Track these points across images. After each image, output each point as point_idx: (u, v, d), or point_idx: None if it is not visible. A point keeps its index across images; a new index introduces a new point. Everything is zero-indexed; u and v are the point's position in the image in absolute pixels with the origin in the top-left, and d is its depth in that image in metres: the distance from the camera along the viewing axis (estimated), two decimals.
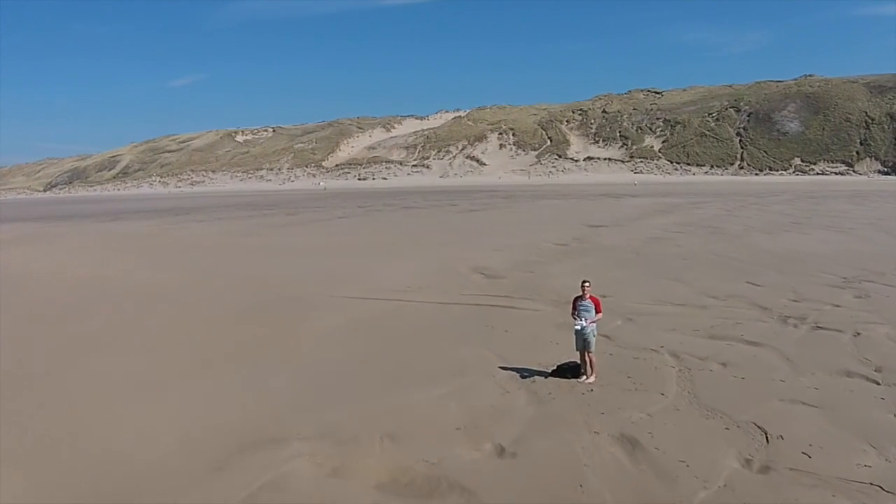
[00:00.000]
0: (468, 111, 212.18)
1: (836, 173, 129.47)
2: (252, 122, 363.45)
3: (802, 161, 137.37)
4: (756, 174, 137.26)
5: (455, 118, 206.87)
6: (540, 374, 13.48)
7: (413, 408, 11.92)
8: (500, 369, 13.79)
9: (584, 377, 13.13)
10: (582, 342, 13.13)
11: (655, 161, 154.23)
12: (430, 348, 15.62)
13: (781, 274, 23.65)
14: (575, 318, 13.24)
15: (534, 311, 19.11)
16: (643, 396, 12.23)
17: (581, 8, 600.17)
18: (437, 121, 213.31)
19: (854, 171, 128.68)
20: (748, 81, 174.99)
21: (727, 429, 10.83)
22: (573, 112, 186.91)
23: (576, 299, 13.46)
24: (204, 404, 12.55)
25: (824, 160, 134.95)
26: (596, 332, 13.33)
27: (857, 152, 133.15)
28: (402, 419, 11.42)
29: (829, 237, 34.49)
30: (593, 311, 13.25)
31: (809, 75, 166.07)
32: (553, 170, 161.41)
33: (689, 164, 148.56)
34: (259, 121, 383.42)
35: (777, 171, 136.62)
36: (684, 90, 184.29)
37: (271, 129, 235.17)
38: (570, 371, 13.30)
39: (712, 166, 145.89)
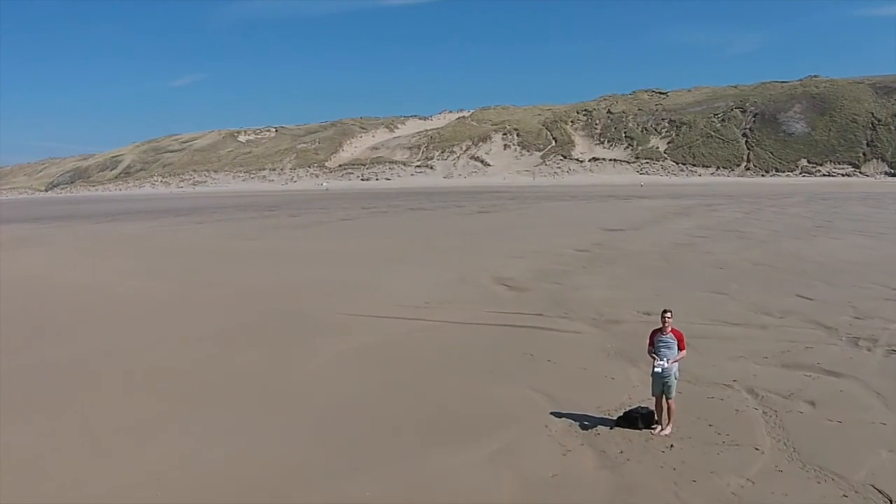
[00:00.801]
0: (472, 111, 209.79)
1: (842, 174, 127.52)
2: (255, 122, 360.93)
3: (809, 162, 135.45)
4: (762, 175, 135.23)
5: (459, 118, 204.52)
6: (603, 422, 10.89)
7: (453, 476, 9.30)
8: (554, 416, 11.19)
9: (659, 428, 10.60)
10: (661, 386, 10.58)
11: (661, 162, 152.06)
12: (462, 386, 12.99)
13: (830, 286, 21.74)
14: (653, 357, 10.68)
15: (574, 335, 16.55)
16: (735, 453, 9.72)
17: (582, 9, 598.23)
18: (440, 121, 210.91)
19: (861, 173, 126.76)
20: (753, 82, 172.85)
21: (845, 496, 8.57)
22: (578, 112, 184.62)
23: (654, 333, 10.86)
24: (176, 467, 9.88)
25: (831, 161, 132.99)
26: (678, 374, 10.80)
27: (864, 153, 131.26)
28: (440, 495, 8.84)
29: (862, 242, 32.79)
30: (676, 348, 10.64)
31: (815, 76, 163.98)
32: (558, 171, 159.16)
33: (695, 166, 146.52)
34: (262, 121, 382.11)
35: (783, 172, 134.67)
36: (689, 91, 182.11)
37: (274, 130, 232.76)
38: (641, 420, 10.72)
39: (718, 167, 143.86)
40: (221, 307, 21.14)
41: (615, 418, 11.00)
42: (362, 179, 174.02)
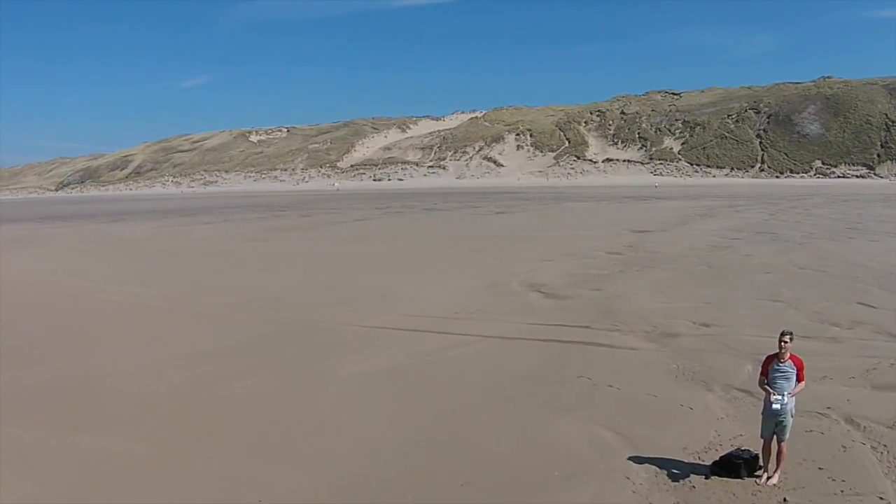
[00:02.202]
0: (484, 112, 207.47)
1: (856, 176, 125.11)
2: (266, 123, 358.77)
3: (823, 164, 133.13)
4: (777, 177, 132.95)
5: (471, 119, 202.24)
6: (695, 470, 8.68)
7: None
8: (633, 463, 8.95)
9: (766, 476, 8.44)
10: (773, 426, 8.51)
11: (675, 163, 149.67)
12: (515, 423, 10.66)
13: (888, 292, 19.97)
14: (767, 390, 8.59)
15: (631, 352, 14.34)
16: None
17: (593, 10, 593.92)
18: (453, 121, 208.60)
19: (875, 175, 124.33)
20: (766, 83, 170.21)
21: None
22: (591, 113, 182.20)
23: (768, 360, 8.73)
24: None
25: (845, 163, 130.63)
26: (794, 411, 8.63)
27: (878, 155, 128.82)
28: None
29: None
30: (794, 379, 8.56)
31: (828, 77, 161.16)
32: (572, 171, 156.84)
33: (709, 167, 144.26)
34: (273, 121, 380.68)
35: (798, 173, 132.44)
36: (702, 91, 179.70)
37: (285, 130, 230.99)
38: (744, 466, 8.56)
39: (732, 168, 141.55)
40: (221, 318, 18.92)
41: (709, 464, 8.81)
42: (374, 180, 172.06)
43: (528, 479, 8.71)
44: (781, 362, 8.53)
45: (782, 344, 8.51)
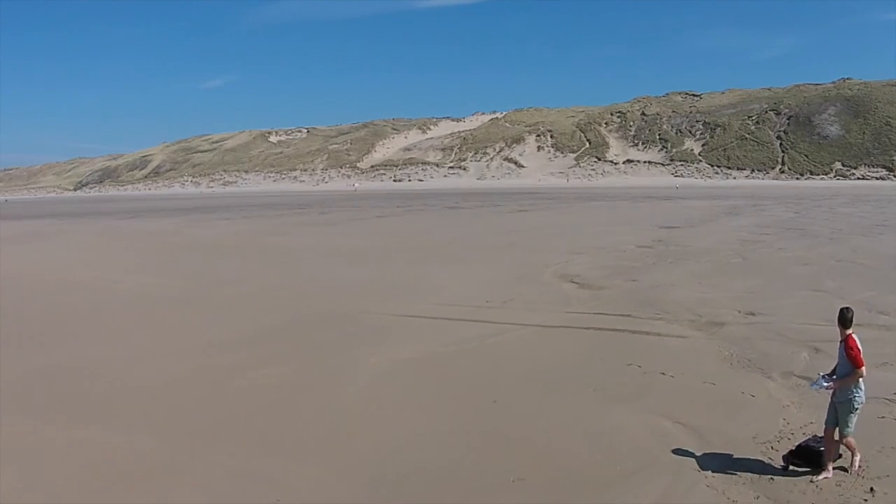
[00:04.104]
0: (505, 113, 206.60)
1: (876, 178, 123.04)
2: (286, 123, 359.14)
3: (843, 165, 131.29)
4: (797, 178, 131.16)
5: (492, 120, 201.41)
6: (770, 460, 7.86)
7: None
8: (703, 456, 8.01)
9: (823, 473, 7.56)
10: (834, 415, 7.67)
11: (696, 164, 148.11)
12: (566, 413, 9.76)
13: None
14: (820, 376, 7.87)
15: (679, 339, 13.42)
16: None
17: (613, 12, 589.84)
18: (472, 122, 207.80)
19: (895, 177, 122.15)
20: (786, 84, 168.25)
21: None
22: (612, 114, 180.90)
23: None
24: None
25: (865, 165, 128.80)
26: (859, 401, 7.68)
27: None
28: None
29: None
30: (841, 364, 7.71)
31: (847, 78, 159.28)
32: (592, 172, 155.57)
33: (729, 168, 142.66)
34: (293, 122, 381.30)
35: (818, 175, 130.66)
36: (722, 93, 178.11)
37: (305, 130, 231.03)
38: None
39: (753, 170, 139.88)
40: (239, 308, 18.08)
41: (785, 454, 7.93)
42: (394, 180, 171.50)
43: (589, 475, 7.80)
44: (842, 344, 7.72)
45: (846, 322, 7.76)
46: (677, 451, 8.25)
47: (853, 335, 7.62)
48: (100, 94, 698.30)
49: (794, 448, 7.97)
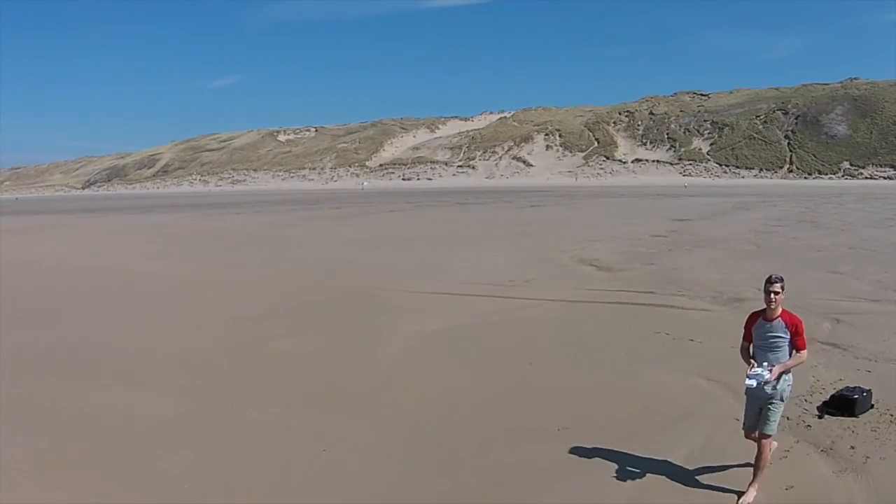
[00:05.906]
0: (513, 112, 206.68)
1: (884, 178, 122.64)
2: (294, 122, 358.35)
3: (851, 165, 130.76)
4: (805, 178, 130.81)
5: (500, 119, 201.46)
6: (805, 411, 8.10)
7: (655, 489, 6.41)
8: (739, 406, 8.04)
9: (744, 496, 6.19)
10: (756, 412, 6.39)
11: (704, 164, 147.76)
12: (598, 372, 9.93)
13: None
14: (750, 363, 6.29)
15: (703, 312, 13.56)
16: None
17: (621, 13, 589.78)
18: (481, 122, 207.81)
19: None
20: (793, 84, 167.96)
21: None
22: (620, 114, 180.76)
23: (752, 318, 6.48)
24: (205, 481, 7.03)
25: (872, 164, 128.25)
26: (788, 393, 6.34)
27: None
28: None
29: None
30: (787, 349, 6.17)
31: (854, 78, 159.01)
32: (601, 171, 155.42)
33: (737, 167, 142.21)
34: (301, 121, 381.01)
35: (826, 174, 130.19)
36: (730, 93, 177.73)
37: (314, 129, 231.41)
38: (859, 404, 7.99)
39: (761, 169, 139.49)
40: (261, 288, 18.30)
41: (819, 405, 8.20)
42: (403, 179, 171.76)
43: (632, 424, 7.97)
44: (769, 321, 6.20)
45: (771, 295, 6.10)
46: (715, 404, 8.43)
47: (789, 311, 6.33)
48: (108, 94, 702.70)
49: (827, 399, 8.26)
